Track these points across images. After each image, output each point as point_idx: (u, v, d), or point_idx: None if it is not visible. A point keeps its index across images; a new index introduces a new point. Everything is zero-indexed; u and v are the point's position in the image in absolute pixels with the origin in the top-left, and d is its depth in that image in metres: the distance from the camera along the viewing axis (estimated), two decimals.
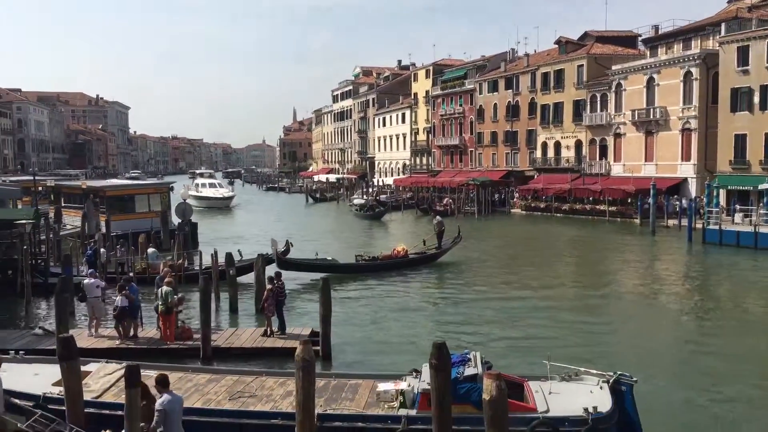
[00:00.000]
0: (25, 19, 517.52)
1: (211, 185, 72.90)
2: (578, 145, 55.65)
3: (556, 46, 60.13)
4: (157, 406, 8.52)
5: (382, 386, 10.90)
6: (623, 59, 52.48)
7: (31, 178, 42.79)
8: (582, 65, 54.75)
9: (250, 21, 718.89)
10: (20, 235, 22.27)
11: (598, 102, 53.27)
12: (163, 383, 8.73)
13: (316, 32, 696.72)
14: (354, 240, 40.86)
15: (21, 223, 21.96)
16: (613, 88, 51.53)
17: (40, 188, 40.75)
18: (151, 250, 15.41)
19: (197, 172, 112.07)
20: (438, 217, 34.87)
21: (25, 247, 21.99)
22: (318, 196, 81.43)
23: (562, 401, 10.20)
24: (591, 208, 50.04)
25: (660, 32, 51.36)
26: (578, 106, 55.06)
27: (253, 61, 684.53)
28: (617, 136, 51.63)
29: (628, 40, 57.26)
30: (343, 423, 9.92)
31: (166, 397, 8.57)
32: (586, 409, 9.61)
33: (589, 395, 10.38)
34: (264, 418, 10.09)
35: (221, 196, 69.20)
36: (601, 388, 10.64)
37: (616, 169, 51.34)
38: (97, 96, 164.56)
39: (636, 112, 48.92)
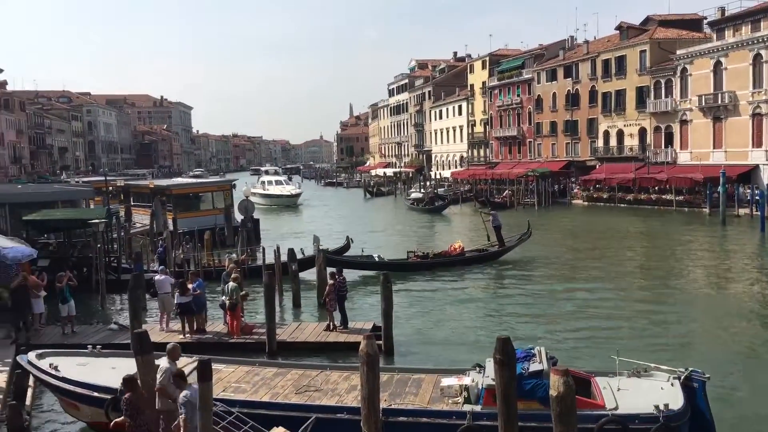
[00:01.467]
0: (90, 27, 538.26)
1: (278, 183, 70.64)
2: (642, 133, 54.10)
3: (617, 31, 58.52)
4: (181, 399, 9.03)
5: (446, 381, 10.91)
6: (688, 43, 50.65)
7: (103, 178, 44.53)
8: (645, 51, 53.13)
9: (304, 17, 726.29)
10: (94, 234, 23.20)
11: (663, 88, 51.61)
12: (182, 377, 9.32)
13: (370, 27, 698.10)
14: (413, 235, 40.91)
15: (94, 222, 22.83)
16: (678, 74, 49.82)
17: (110, 188, 42.24)
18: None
19: (262, 169, 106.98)
20: (492, 211, 31.47)
21: (98, 245, 22.92)
22: (375, 190, 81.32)
23: (632, 398, 9.99)
24: (657, 198, 48.65)
25: (727, 14, 49.31)
26: (641, 93, 53.49)
27: (309, 57, 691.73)
28: (683, 122, 49.93)
29: (692, 23, 55.22)
30: (408, 418, 9.97)
31: (187, 391, 9.04)
32: (656, 407, 9.37)
33: (660, 392, 10.13)
34: (330, 412, 10.25)
35: (288, 193, 67.02)
36: (672, 384, 10.36)
37: (683, 157, 49.68)
38: (162, 97, 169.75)
39: (703, 97, 47.18)
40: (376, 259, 25.87)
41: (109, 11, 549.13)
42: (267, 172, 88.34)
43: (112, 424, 9.48)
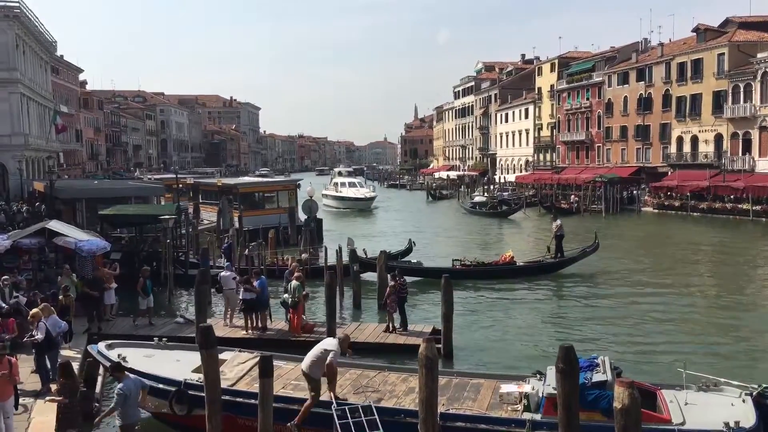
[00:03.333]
0: (166, 30, 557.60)
1: (351, 185, 66.51)
2: (718, 139, 51.96)
3: (694, 34, 56.47)
4: (117, 390, 9.48)
5: (505, 388, 10.75)
6: None
7: (173, 176, 45.84)
8: (723, 54, 51.05)
9: (371, 18, 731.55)
10: (164, 230, 23.96)
11: (741, 93, 49.42)
12: (120, 369, 9.83)
13: (437, 28, 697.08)
14: (472, 239, 40.53)
15: (165, 218, 23.56)
16: (759, 78, 47.59)
17: (180, 185, 43.43)
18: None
19: (336, 170, 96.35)
20: (558, 221, 28.73)
21: (168, 240, 23.64)
22: (437, 194, 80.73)
23: (700, 413, 9.59)
24: (732, 207, 46.66)
25: None
26: (718, 98, 51.40)
27: (375, 59, 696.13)
28: (763, 129, 47.65)
29: None
30: (465, 423, 9.84)
31: (121, 384, 9.50)
32: (726, 424, 8.95)
33: (730, 408, 9.68)
34: (388, 415, 10.20)
35: (363, 196, 63.06)
36: (743, 401, 9.90)
37: (762, 165, 47.40)
38: (231, 98, 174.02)
39: None
40: (413, 264, 24.93)
41: (183, 16, 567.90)
42: (340, 173, 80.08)
43: (46, 400, 10.06)
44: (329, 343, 10.98)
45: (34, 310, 13.22)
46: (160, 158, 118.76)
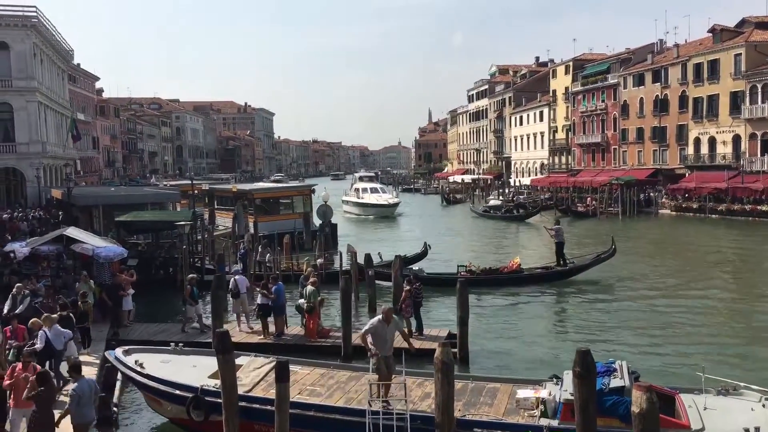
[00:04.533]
0: (181, 38, 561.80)
1: (373, 190, 63.26)
2: (736, 140, 51.44)
3: (710, 34, 55.99)
4: (71, 391, 9.63)
5: (522, 393, 10.67)
6: None
7: (189, 182, 46.16)
8: (740, 54, 50.57)
9: (385, 24, 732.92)
10: (180, 236, 24.12)
11: (759, 93, 48.90)
12: (76, 370, 9.94)
13: (451, 33, 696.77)
14: (487, 244, 40.38)
15: (181, 224, 23.70)
16: None
17: (196, 191, 43.65)
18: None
19: (357, 175, 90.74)
20: (556, 225, 27.54)
21: (184, 246, 23.77)
22: (451, 198, 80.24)
23: (719, 419, 9.43)
24: (751, 208, 46.10)
25: None
26: (736, 98, 50.90)
27: (389, 64, 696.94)
28: None
29: None
30: (482, 430, 9.78)
31: (73, 385, 9.69)
32: (747, 430, 8.79)
33: (750, 413, 9.53)
34: (403, 421, 10.12)
35: (385, 203, 60.32)
36: (763, 405, 9.75)
37: None
38: (246, 104, 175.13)
39: None
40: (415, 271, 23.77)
41: (199, 24, 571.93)
42: (361, 179, 74.92)
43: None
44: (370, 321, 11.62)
45: (33, 319, 13.21)
46: (176, 164, 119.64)
